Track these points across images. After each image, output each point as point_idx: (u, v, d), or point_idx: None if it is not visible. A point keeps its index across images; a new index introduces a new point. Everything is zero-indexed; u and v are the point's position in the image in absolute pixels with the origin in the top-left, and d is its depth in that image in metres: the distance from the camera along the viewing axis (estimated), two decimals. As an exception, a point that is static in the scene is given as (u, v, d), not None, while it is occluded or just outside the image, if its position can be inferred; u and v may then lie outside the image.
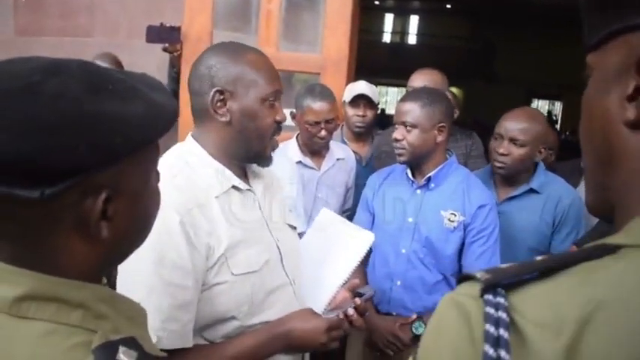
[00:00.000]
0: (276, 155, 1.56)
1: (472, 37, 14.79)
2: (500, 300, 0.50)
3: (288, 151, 2.63)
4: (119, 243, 0.76)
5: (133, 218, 0.76)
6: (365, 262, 2.00)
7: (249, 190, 1.41)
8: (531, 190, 2.30)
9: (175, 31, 3.20)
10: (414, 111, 2.04)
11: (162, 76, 3.40)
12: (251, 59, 1.36)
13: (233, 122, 1.34)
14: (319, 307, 1.51)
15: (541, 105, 17.15)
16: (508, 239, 2.24)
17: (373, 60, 12.96)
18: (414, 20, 16.67)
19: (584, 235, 2.15)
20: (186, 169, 1.34)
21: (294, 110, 2.62)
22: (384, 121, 7.71)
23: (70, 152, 0.63)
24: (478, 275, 0.53)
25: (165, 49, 3.24)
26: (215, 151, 1.37)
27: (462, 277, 0.56)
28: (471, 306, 0.52)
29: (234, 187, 1.37)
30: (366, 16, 13.84)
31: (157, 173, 0.84)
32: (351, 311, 1.48)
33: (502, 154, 2.25)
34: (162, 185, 1.30)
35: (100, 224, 0.70)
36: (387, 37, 17.14)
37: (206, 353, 1.29)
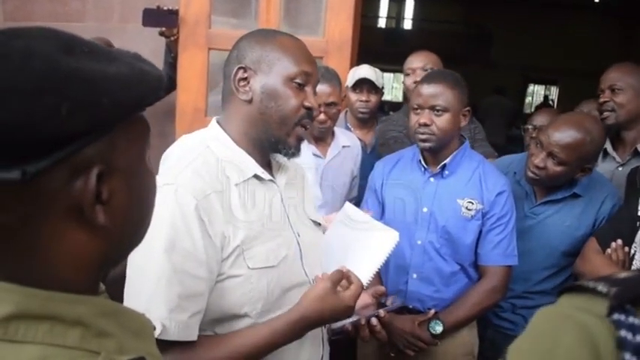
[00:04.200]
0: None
1: (468, 21, 14.62)
2: (635, 321, 0.39)
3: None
4: (119, 232, 0.65)
5: (131, 201, 0.65)
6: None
7: (271, 180, 1.33)
8: (573, 194, 2.15)
9: (173, 14, 3.07)
10: (444, 93, 1.92)
11: (157, 61, 3.27)
12: (280, 39, 1.30)
13: (254, 101, 1.27)
14: None
15: (537, 90, 17.04)
16: (541, 243, 2.16)
17: (368, 45, 12.79)
18: (409, 5, 16.47)
19: (602, 226, 2.05)
20: (207, 153, 1.27)
21: None
22: (382, 107, 7.59)
23: (52, 117, 0.53)
24: (600, 287, 0.42)
25: (161, 34, 3.11)
26: (238, 136, 1.30)
27: (569, 288, 0.44)
28: (596, 328, 0.40)
29: (255, 176, 1.29)
30: (361, 0, 13.64)
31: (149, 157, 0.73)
32: (374, 321, 1.40)
33: (536, 166, 2.05)
34: (180, 168, 1.23)
35: (95, 209, 0.59)
36: (382, 22, 16.96)
37: (218, 344, 1.20)
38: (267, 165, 1.36)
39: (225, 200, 1.20)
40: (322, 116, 2.42)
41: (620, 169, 2.39)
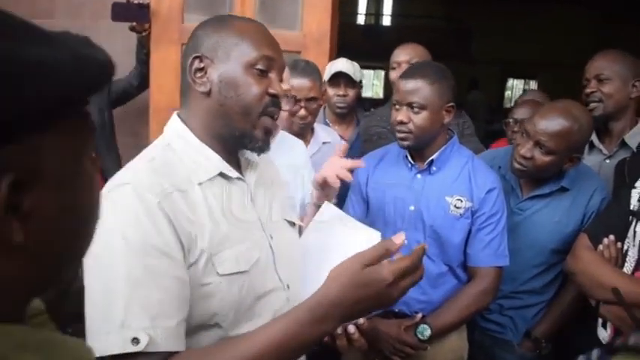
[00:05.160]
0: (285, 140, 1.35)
1: (447, 17, 14.60)
2: None
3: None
4: (48, 250, 0.53)
5: (63, 213, 0.54)
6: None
7: (239, 179, 1.22)
8: (560, 188, 2.06)
9: (144, 8, 2.94)
10: (422, 89, 1.82)
11: (130, 59, 3.15)
12: (237, 24, 1.20)
13: (213, 92, 1.16)
14: None
15: (516, 84, 17.08)
16: (529, 240, 2.07)
17: (347, 42, 12.71)
18: (387, 1, 16.42)
19: (593, 221, 1.97)
20: (168, 151, 1.16)
21: None
22: (361, 104, 7.51)
23: None
24: None
25: (132, 29, 2.97)
26: (200, 131, 1.19)
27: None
28: None
29: (221, 174, 1.18)
30: (339, -3, 13.60)
31: (94, 160, 0.61)
32: (352, 329, 1.30)
33: (523, 157, 1.98)
34: (137, 168, 1.10)
35: (8, 225, 0.48)
36: (361, 19, 16.88)
37: (217, 352, 1.03)
38: (236, 162, 1.26)
39: (188, 200, 1.09)
40: (303, 112, 2.32)
41: (607, 161, 2.31)
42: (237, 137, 1.18)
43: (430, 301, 1.91)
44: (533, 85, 16.57)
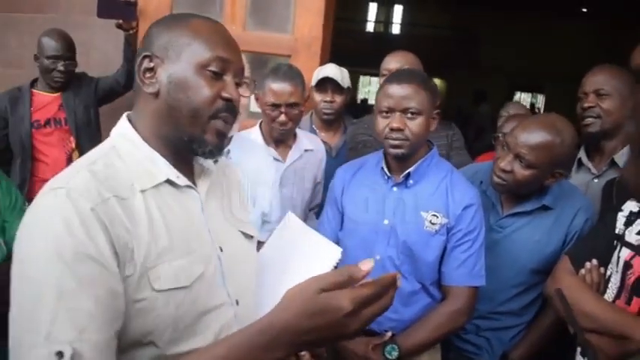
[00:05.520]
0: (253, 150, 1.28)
1: (456, 27, 14.55)
2: None
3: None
4: None
5: None
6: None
7: (189, 187, 1.14)
8: (542, 207, 1.97)
9: (131, 6, 2.90)
10: (418, 95, 1.74)
11: (121, 56, 3.10)
12: (192, 22, 1.12)
13: (161, 94, 1.09)
14: None
15: (523, 97, 16.97)
16: (508, 259, 1.98)
17: (357, 49, 12.70)
18: (397, 9, 16.39)
19: (576, 244, 1.88)
20: (112, 155, 1.08)
21: (257, 91, 2.33)
22: (368, 112, 7.45)
23: None
24: None
25: (119, 26, 2.93)
26: (148, 135, 1.12)
27: None
28: None
29: (169, 181, 1.10)
30: (349, 5, 13.63)
31: None
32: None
33: (503, 170, 1.89)
34: (74, 172, 1.00)
35: None
36: (370, 27, 16.86)
37: None
38: (189, 168, 1.19)
39: (127, 208, 1.01)
40: (283, 117, 2.25)
41: (595, 180, 2.21)
42: (186, 142, 1.10)
43: (401, 319, 1.83)
44: (540, 98, 16.47)
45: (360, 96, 17.30)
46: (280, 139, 2.37)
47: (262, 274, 1.34)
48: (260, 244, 1.89)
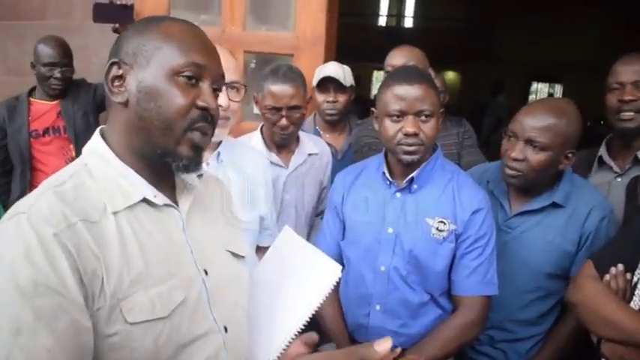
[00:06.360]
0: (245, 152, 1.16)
1: (470, 18, 14.32)
2: None
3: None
4: None
5: None
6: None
7: (168, 205, 1.05)
8: (553, 204, 1.85)
9: (127, 9, 2.83)
10: (429, 95, 1.63)
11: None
12: (164, 25, 1.03)
13: (130, 104, 0.99)
14: None
15: (541, 88, 16.68)
16: (519, 262, 1.85)
17: (368, 44, 12.56)
18: (409, 2, 16.18)
19: (602, 249, 1.75)
20: (82, 173, 0.99)
21: (256, 94, 2.23)
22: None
23: None
24: None
25: (115, 30, 2.85)
26: (121, 149, 1.02)
27: None
28: None
29: (145, 200, 1.01)
30: (360, -2, 13.52)
31: None
32: None
33: (515, 159, 1.78)
34: (39, 194, 0.89)
35: None
36: (382, 21, 16.66)
37: None
38: (170, 184, 1.09)
39: (97, 233, 0.91)
40: (284, 121, 2.15)
41: (618, 179, 2.07)
42: (160, 155, 1.01)
43: (410, 333, 1.72)
44: (558, 88, 16.19)
45: (374, 92, 17.13)
46: (282, 144, 2.27)
47: (256, 295, 1.25)
48: (259, 249, 1.81)
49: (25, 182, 2.91)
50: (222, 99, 1.62)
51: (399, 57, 2.49)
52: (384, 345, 0.85)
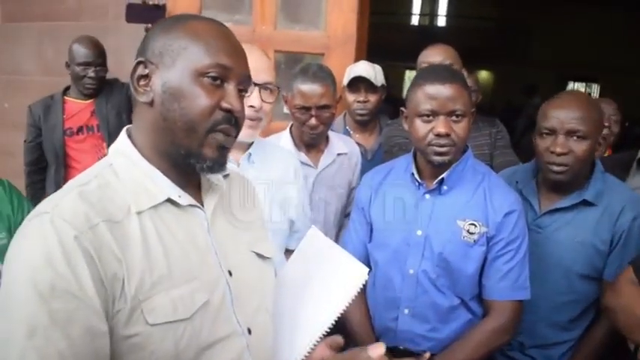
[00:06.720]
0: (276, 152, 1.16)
1: (503, 17, 14.11)
2: None
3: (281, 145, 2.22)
4: None
5: None
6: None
7: (193, 206, 1.04)
8: (584, 202, 1.81)
9: (159, 10, 2.86)
10: (461, 95, 1.60)
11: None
12: (191, 24, 1.02)
13: (155, 104, 0.99)
14: None
15: (577, 88, 16.36)
16: (550, 263, 1.81)
17: (401, 43, 12.48)
18: (442, 1, 16.03)
19: None
20: (109, 173, 0.99)
21: (285, 93, 2.22)
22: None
23: None
24: None
25: (147, 30, 2.87)
26: (147, 149, 1.02)
27: None
28: None
29: (170, 200, 1.00)
30: (393, -2, 13.43)
31: None
32: None
33: (561, 154, 1.74)
34: (63, 194, 0.89)
35: None
36: (415, 20, 16.54)
37: None
38: (195, 184, 1.08)
39: (119, 233, 0.91)
40: (313, 121, 2.14)
41: None
42: (183, 156, 1.00)
43: (440, 338, 1.70)
44: (595, 88, 15.86)
45: (406, 92, 17.01)
46: (311, 144, 2.26)
47: (281, 296, 1.24)
48: (288, 252, 1.80)
49: (59, 179, 2.96)
50: (255, 100, 1.62)
51: (434, 55, 2.45)
52: (377, 350, 0.83)
